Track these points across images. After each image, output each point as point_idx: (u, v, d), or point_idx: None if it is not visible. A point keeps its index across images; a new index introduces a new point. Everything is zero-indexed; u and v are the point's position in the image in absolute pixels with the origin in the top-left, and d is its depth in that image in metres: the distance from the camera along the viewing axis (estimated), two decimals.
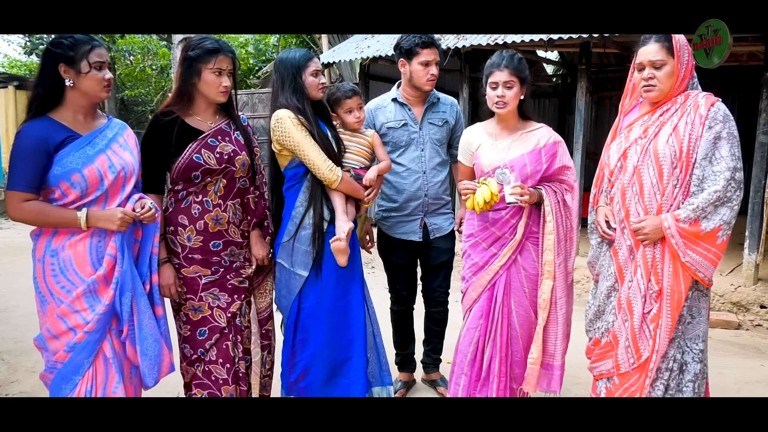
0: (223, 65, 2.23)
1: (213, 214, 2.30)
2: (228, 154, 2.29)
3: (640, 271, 2.24)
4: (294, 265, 2.47)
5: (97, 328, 2.00)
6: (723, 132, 2.15)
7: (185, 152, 2.23)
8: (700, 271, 2.17)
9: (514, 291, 2.54)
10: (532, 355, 2.48)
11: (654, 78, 2.20)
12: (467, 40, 5.86)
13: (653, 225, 2.18)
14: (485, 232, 2.54)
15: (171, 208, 2.30)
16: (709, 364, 2.25)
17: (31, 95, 2.02)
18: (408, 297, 3.20)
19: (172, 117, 2.24)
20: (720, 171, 2.13)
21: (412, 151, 2.97)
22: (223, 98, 2.29)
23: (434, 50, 2.86)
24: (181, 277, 2.30)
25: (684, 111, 2.21)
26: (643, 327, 2.24)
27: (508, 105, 2.45)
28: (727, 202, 2.13)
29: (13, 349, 3.77)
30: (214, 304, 2.32)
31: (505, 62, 2.45)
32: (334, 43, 9.28)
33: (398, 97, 3.00)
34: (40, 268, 2.02)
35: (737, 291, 4.94)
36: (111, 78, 2.06)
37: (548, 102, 9.47)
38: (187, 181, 2.26)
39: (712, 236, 2.14)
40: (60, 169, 1.97)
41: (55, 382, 2.01)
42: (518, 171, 2.45)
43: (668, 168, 2.19)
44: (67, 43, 1.97)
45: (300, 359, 2.50)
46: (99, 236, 2.03)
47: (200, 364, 2.32)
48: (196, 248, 2.29)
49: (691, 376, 2.26)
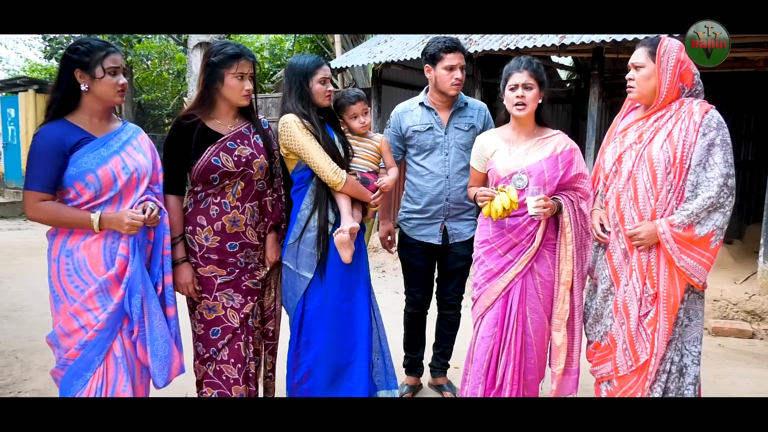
0: (245, 69, 2.29)
1: (231, 215, 2.34)
2: (246, 157, 2.33)
3: (635, 274, 2.28)
4: (299, 266, 2.50)
5: (107, 326, 2.04)
6: (717, 139, 2.20)
7: (204, 155, 2.28)
8: (694, 275, 2.22)
9: (530, 298, 2.52)
10: (559, 366, 2.45)
11: (633, 80, 2.30)
12: (479, 45, 5.87)
13: (648, 230, 2.22)
14: (502, 238, 2.52)
15: (190, 209, 2.36)
16: (721, 373, 2.25)
17: (49, 99, 2.09)
18: (423, 300, 3.20)
19: (193, 120, 2.30)
20: (714, 177, 2.17)
21: (436, 155, 2.98)
22: (245, 101, 2.35)
23: (458, 54, 2.86)
24: (198, 276, 2.34)
25: (678, 117, 2.25)
26: (640, 330, 2.28)
27: (528, 107, 2.45)
28: (720, 208, 2.18)
29: (27, 348, 3.84)
30: (228, 305, 2.36)
31: (524, 64, 2.47)
32: (347, 48, 9.33)
33: (425, 101, 3.02)
34: (55, 268, 2.06)
35: (751, 300, 4.87)
36: (125, 83, 2.12)
37: (562, 107, 9.43)
38: (206, 182, 2.31)
39: (706, 241, 2.19)
40: (75, 170, 2.02)
41: (66, 378, 2.05)
42: (536, 177, 2.44)
43: (662, 173, 2.23)
44: (83, 49, 2.03)
45: (303, 361, 2.52)
46: (113, 237, 2.07)
47: (212, 363, 2.36)
48: (213, 248, 2.34)
49: (692, 379, 2.29)
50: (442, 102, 2.99)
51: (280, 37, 13.34)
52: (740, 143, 8.00)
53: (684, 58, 2.25)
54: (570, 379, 2.53)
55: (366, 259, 2.67)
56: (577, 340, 2.51)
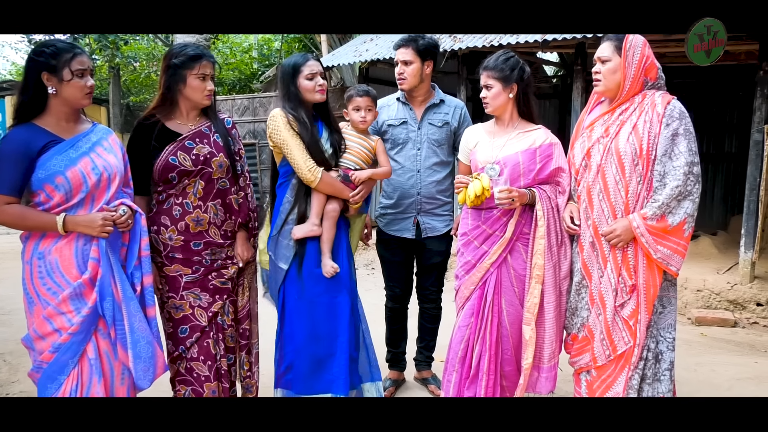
0: (206, 70, 2.32)
1: (194, 215, 2.36)
2: (204, 156, 2.35)
3: (609, 265, 2.33)
4: (277, 258, 2.56)
5: (81, 329, 2.04)
6: (680, 128, 2.25)
7: (162, 154, 2.31)
8: (671, 264, 2.27)
9: (505, 290, 2.57)
10: (527, 360, 2.49)
11: (600, 73, 2.34)
12: (464, 42, 5.90)
13: (623, 227, 2.27)
14: (477, 230, 2.58)
15: (154, 209, 2.38)
16: (703, 361, 2.30)
17: (16, 102, 2.07)
18: (402, 295, 3.25)
19: (152, 121, 2.33)
20: (679, 166, 2.23)
21: (408, 149, 3.03)
22: (208, 101, 2.38)
23: (401, 50, 2.95)
24: (164, 275, 2.36)
25: (642, 110, 2.30)
26: (616, 320, 2.32)
27: (490, 105, 2.52)
28: (689, 196, 2.23)
29: (15, 351, 3.85)
30: (195, 304, 2.39)
31: (485, 64, 2.52)
32: (334, 47, 9.34)
33: (401, 96, 3.09)
34: (28, 270, 2.06)
35: (733, 289, 4.94)
36: (93, 85, 2.10)
37: (548, 103, 9.47)
38: (166, 182, 2.33)
39: (679, 229, 2.24)
40: (44, 173, 2.01)
41: (41, 381, 2.05)
42: (510, 168, 2.49)
43: (630, 165, 2.28)
44: (49, 52, 2.00)
45: (286, 352, 2.57)
46: (84, 240, 2.07)
47: (182, 361, 2.39)
48: (177, 247, 2.36)
49: (667, 365, 2.35)
50: (413, 97, 3.05)
51: (268, 37, 13.33)
52: (723, 136, 8.09)
53: (648, 53, 2.30)
54: (540, 377, 2.55)
55: (347, 253, 2.69)
56: (548, 337, 2.52)
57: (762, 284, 4.92)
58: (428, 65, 2.98)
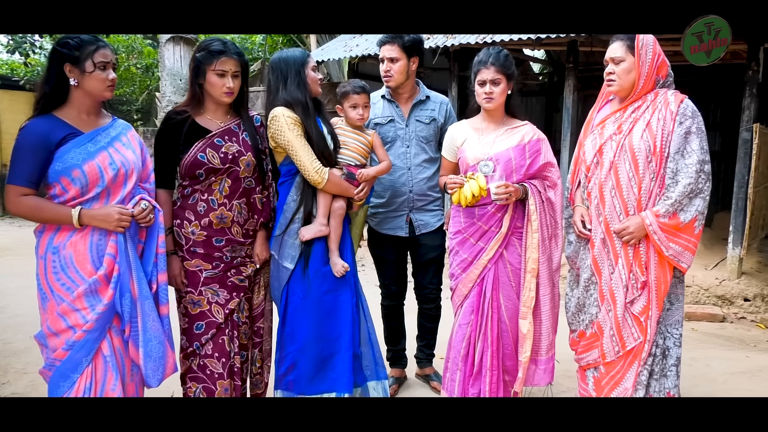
0: (226, 67, 2.26)
1: (218, 212, 2.33)
2: (232, 154, 2.32)
3: (621, 261, 2.35)
4: (282, 257, 2.52)
5: (96, 327, 2.01)
6: (693, 127, 2.29)
7: (191, 150, 2.28)
8: (682, 261, 2.31)
9: (503, 285, 2.58)
10: (525, 354, 2.51)
11: (614, 73, 2.35)
12: (456, 39, 5.90)
13: (636, 224, 2.30)
14: (473, 227, 2.58)
15: (179, 203, 2.35)
16: (697, 356, 2.34)
17: (37, 93, 2.04)
18: (398, 292, 3.23)
19: (183, 116, 2.30)
20: (691, 164, 2.27)
21: (397, 147, 3.00)
22: (226, 99, 2.32)
23: (386, 47, 2.92)
24: (184, 270, 2.33)
25: (655, 108, 2.33)
26: (626, 316, 2.35)
27: (495, 100, 2.53)
28: (700, 193, 2.27)
29: (2, 351, 3.73)
30: (213, 300, 2.35)
31: (491, 59, 2.51)
32: (322, 42, 9.26)
33: (386, 94, 3.05)
34: (42, 265, 2.02)
35: (722, 285, 5.04)
36: (115, 78, 2.09)
37: (535, 100, 9.55)
38: (193, 178, 2.30)
39: (690, 227, 2.28)
40: (61, 165, 1.98)
41: (54, 379, 2.01)
42: (503, 164, 2.51)
43: (644, 162, 2.31)
44: (72, 43, 1.99)
45: (288, 353, 2.53)
46: (100, 235, 2.03)
47: (195, 357, 2.35)
48: (199, 242, 2.33)
49: (674, 361, 2.38)
50: (399, 95, 3.02)
51: None
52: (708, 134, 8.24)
53: (659, 51, 2.32)
54: (538, 369, 2.59)
55: (351, 251, 2.67)
56: (545, 330, 2.55)
57: (749, 280, 5.03)
58: (414, 62, 2.95)
